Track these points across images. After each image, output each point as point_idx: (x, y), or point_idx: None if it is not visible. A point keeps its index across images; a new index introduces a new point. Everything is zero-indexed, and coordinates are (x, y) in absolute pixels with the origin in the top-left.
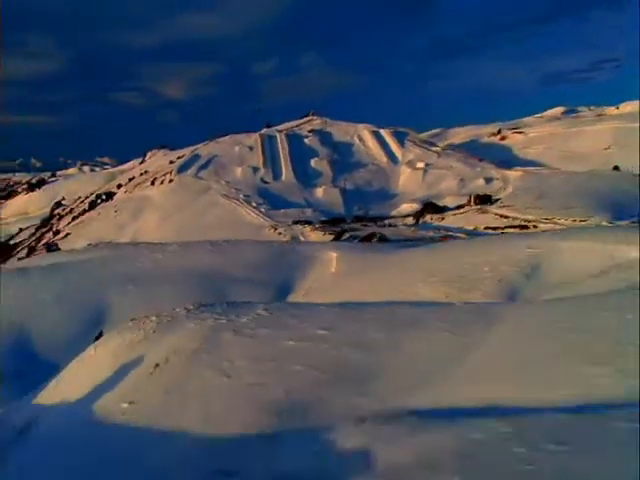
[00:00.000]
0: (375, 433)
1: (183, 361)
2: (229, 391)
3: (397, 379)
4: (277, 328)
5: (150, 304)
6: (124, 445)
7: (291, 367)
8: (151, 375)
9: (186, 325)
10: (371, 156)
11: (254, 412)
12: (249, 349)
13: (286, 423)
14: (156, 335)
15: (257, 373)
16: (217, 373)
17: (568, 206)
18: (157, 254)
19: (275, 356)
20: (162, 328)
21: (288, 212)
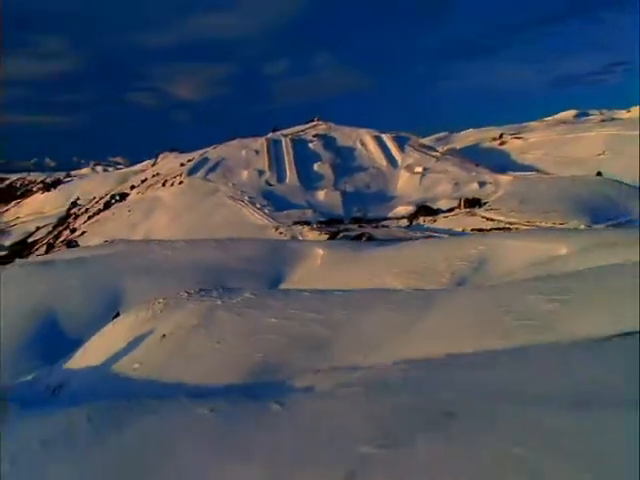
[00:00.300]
0: (321, 378)
1: (184, 333)
2: (219, 355)
3: (349, 347)
4: (261, 309)
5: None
6: (133, 393)
7: (268, 338)
8: (159, 344)
9: (188, 306)
10: (372, 160)
11: (238, 371)
12: (237, 324)
13: (261, 378)
14: (163, 314)
15: (242, 343)
16: (211, 342)
17: (549, 210)
18: (167, 250)
19: (257, 330)
20: (168, 308)
21: (290, 213)
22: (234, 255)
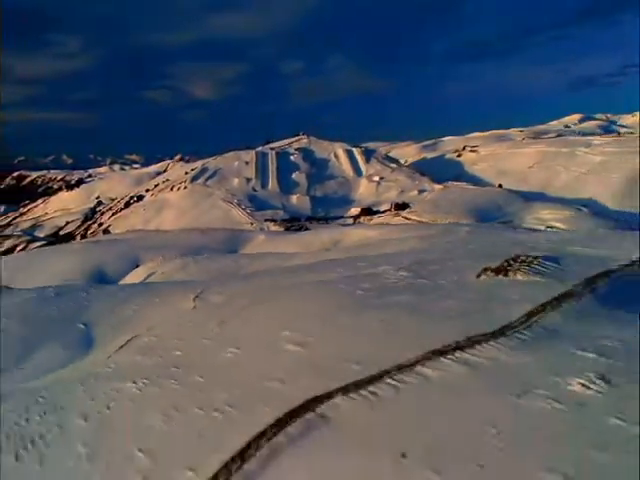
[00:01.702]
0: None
1: (172, 272)
2: (189, 278)
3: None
4: (213, 261)
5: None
6: (156, 289)
7: (212, 270)
8: (159, 276)
9: (175, 262)
10: (341, 170)
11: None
12: (199, 268)
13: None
14: (161, 265)
15: (201, 272)
16: (185, 275)
17: (449, 212)
18: (169, 235)
19: (209, 269)
20: (164, 262)
21: (266, 213)
22: (210, 238)
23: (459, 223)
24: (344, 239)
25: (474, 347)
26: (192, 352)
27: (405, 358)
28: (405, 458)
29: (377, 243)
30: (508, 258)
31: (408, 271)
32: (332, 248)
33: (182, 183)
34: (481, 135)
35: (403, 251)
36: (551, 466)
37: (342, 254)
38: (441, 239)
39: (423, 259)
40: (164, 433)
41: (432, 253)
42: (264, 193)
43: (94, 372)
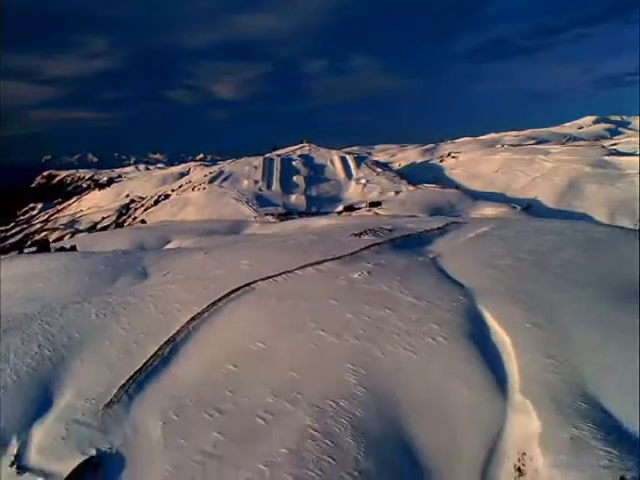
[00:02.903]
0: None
1: (191, 245)
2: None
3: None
4: (218, 239)
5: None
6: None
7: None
8: (182, 244)
9: (192, 240)
10: (335, 174)
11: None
12: (211, 243)
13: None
14: (184, 242)
15: (213, 243)
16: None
17: (410, 209)
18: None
19: (220, 242)
20: (187, 239)
21: (268, 209)
22: (220, 225)
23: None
24: (310, 225)
25: (322, 264)
26: (195, 271)
27: (294, 266)
28: (291, 302)
29: (325, 226)
30: (368, 229)
31: (315, 235)
32: (297, 230)
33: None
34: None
35: (328, 228)
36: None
37: (297, 232)
38: (355, 220)
39: (331, 230)
40: (182, 303)
41: (341, 227)
42: (268, 193)
43: (148, 284)
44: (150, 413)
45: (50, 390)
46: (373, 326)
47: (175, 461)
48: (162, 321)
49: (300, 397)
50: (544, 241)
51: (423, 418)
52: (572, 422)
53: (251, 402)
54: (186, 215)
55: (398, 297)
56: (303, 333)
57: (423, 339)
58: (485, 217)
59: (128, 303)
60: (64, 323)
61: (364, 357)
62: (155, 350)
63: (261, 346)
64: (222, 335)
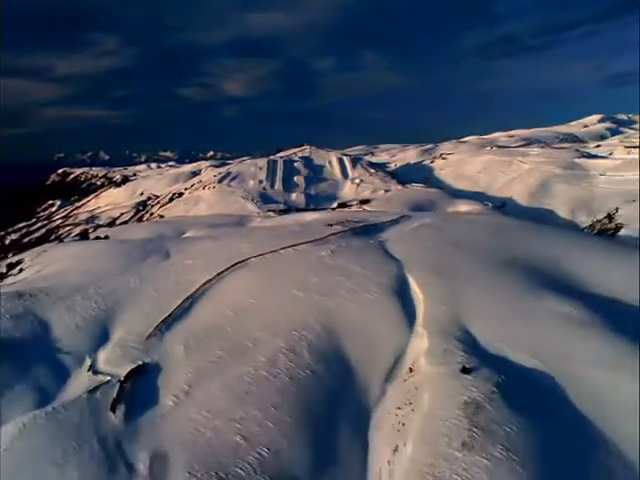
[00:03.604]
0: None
1: (197, 234)
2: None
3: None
4: (226, 228)
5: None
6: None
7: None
8: (196, 234)
9: (202, 231)
10: (333, 174)
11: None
12: (219, 232)
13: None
14: (196, 232)
15: (219, 235)
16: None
17: (394, 206)
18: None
19: (226, 233)
20: (199, 230)
21: (271, 206)
22: (228, 219)
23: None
24: (300, 219)
25: (299, 245)
26: (206, 253)
27: (278, 247)
28: (274, 272)
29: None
30: (339, 221)
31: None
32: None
33: (212, 184)
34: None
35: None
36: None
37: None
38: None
39: (313, 222)
40: (197, 274)
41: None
42: (272, 191)
43: (171, 262)
44: (175, 341)
45: (107, 329)
46: (331, 287)
47: (192, 368)
48: (182, 286)
49: (277, 330)
50: (464, 229)
51: (357, 342)
52: (447, 342)
53: (243, 334)
54: (198, 211)
55: (351, 268)
56: (281, 292)
57: (363, 295)
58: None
59: (157, 274)
60: (111, 288)
61: (322, 306)
62: (178, 304)
63: (252, 301)
64: (225, 294)
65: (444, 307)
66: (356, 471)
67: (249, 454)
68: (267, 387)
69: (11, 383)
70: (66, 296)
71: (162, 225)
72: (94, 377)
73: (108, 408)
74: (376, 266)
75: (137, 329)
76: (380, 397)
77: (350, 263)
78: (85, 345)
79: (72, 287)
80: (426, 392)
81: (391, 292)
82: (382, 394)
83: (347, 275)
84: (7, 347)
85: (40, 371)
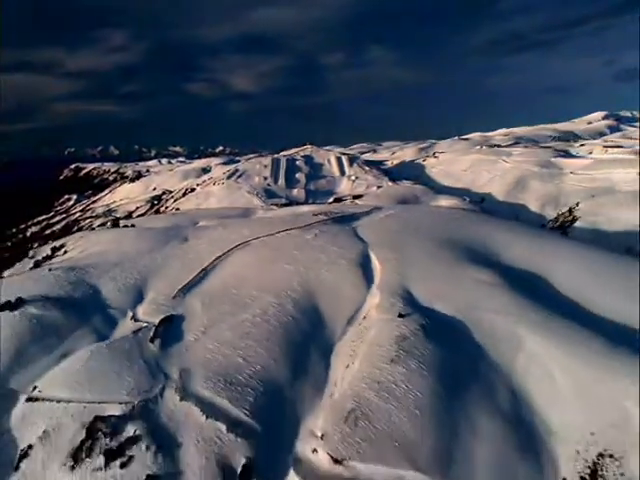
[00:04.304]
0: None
1: (208, 225)
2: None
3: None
4: (234, 218)
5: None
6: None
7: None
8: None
9: (214, 221)
10: (331, 172)
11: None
12: (227, 222)
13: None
14: (208, 221)
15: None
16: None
17: (383, 201)
18: (212, 210)
19: (233, 224)
20: (210, 220)
21: (274, 200)
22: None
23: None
24: (296, 210)
25: (290, 230)
26: (216, 237)
27: (274, 232)
28: (269, 251)
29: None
30: (323, 212)
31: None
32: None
33: (221, 180)
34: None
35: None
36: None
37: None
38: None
39: (305, 213)
40: (209, 252)
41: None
42: (275, 187)
43: (189, 245)
44: (195, 299)
45: (142, 292)
46: (312, 261)
47: (207, 316)
48: (197, 261)
49: (269, 291)
50: (420, 218)
51: (328, 299)
52: (393, 298)
53: (244, 294)
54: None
55: (328, 247)
56: (274, 265)
57: (336, 266)
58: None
59: (177, 253)
60: (143, 263)
61: (304, 274)
62: (195, 274)
63: (251, 271)
64: (230, 267)
65: (394, 275)
66: (320, 381)
67: (247, 369)
68: (261, 328)
69: (78, 327)
70: (108, 269)
71: (179, 216)
72: (136, 324)
73: (148, 341)
74: (347, 246)
75: (164, 292)
76: (341, 335)
77: (328, 243)
78: (127, 303)
79: (112, 263)
80: (372, 331)
81: (357, 264)
82: (343, 333)
83: (325, 252)
84: (70, 304)
85: (97, 320)
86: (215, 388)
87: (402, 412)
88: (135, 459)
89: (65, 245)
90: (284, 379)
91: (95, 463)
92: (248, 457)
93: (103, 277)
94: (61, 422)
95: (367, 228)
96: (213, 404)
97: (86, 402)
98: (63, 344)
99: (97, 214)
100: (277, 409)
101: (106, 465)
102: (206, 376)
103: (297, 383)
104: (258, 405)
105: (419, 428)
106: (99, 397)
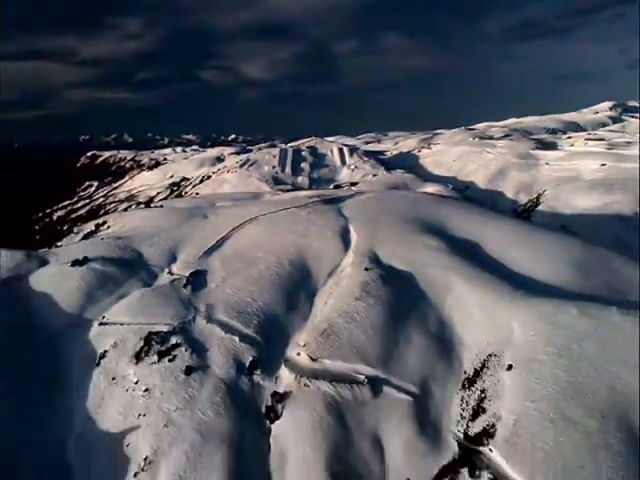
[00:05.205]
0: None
1: (228, 204)
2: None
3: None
4: (245, 199)
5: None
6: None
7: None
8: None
9: (229, 203)
10: (333, 161)
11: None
12: (239, 203)
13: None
14: (223, 203)
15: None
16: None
17: (376, 187)
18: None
19: (245, 205)
20: (225, 202)
21: (280, 186)
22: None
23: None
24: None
25: (289, 209)
26: (230, 214)
27: (278, 208)
28: (273, 224)
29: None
30: (317, 195)
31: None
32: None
33: (234, 169)
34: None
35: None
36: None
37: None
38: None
39: (302, 196)
40: (225, 226)
41: (308, 195)
42: (282, 175)
43: (208, 221)
44: (215, 260)
45: (175, 255)
46: (305, 231)
47: (225, 271)
48: (216, 232)
49: (271, 253)
50: (394, 200)
51: (315, 259)
52: (363, 258)
53: (252, 256)
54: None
55: (318, 221)
56: (276, 234)
57: (323, 236)
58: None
59: (201, 226)
60: (173, 234)
61: (299, 241)
62: (214, 242)
63: (257, 239)
64: (242, 236)
65: (365, 242)
66: (305, 312)
67: (253, 305)
68: (265, 279)
69: (129, 278)
70: (147, 239)
71: (199, 199)
72: (172, 276)
73: (182, 287)
74: (332, 220)
75: (192, 254)
76: (323, 284)
77: (318, 219)
78: (163, 262)
79: (149, 234)
80: (344, 280)
81: (338, 234)
82: (324, 283)
83: (315, 225)
84: (122, 262)
85: (143, 274)
86: (231, 316)
87: (359, 330)
88: (177, 357)
89: (107, 222)
90: (280, 311)
91: (152, 359)
92: (254, 357)
93: (144, 244)
94: (125, 336)
95: (349, 208)
96: (229, 325)
97: (142, 324)
98: (120, 289)
99: (120, 199)
100: (274, 329)
101: (159, 360)
102: (224, 309)
103: (289, 314)
104: (261, 326)
105: (370, 340)
106: (150, 321)
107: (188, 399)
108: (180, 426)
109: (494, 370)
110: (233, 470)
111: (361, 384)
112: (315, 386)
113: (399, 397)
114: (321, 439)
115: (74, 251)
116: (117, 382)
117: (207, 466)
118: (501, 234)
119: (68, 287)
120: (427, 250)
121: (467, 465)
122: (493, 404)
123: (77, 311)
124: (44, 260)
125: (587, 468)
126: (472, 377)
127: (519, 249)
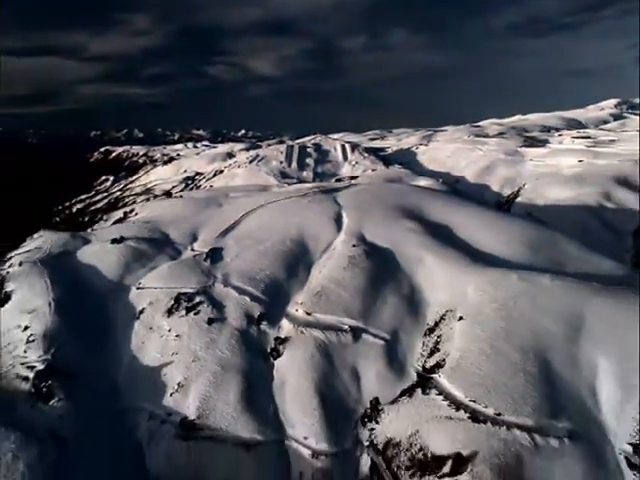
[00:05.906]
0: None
1: (239, 195)
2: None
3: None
4: (253, 192)
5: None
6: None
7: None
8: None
9: (240, 194)
10: (336, 157)
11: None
12: (249, 194)
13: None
14: (235, 193)
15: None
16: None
17: (370, 181)
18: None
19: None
20: (235, 193)
21: (287, 180)
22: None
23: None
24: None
25: (291, 198)
26: (242, 202)
27: (281, 198)
28: (278, 209)
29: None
30: (317, 186)
31: (297, 190)
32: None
33: (244, 164)
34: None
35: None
36: None
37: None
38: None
39: (305, 188)
40: (237, 211)
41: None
42: (289, 170)
43: (223, 209)
44: (229, 239)
45: (196, 236)
46: (305, 216)
47: (238, 247)
48: (230, 217)
49: (276, 233)
50: (382, 191)
51: (312, 237)
52: (352, 237)
53: (261, 235)
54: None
55: (316, 208)
56: (280, 218)
57: (320, 220)
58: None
59: (217, 213)
60: (193, 220)
61: (299, 224)
62: (228, 225)
63: (265, 223)
64: (252, 220)
65: (355, 225)
66: (303, 280)
67: (261, 274)
68: (270, 253)
69: (158, 253)
70: (171, 223)
71: (214, 191)
72: (194, 252)
73: (202, 260)
74: (329, 207)
75: (210, 235)
76: (318, 258)
77: (316, 205)
78: (187, 242)
79: (172, 219)
80: (336, 254)
81: (333, 219)
82: (319, 257)
83: (314, 211)
84: (152, 241)
85: (169, 250)
86: (243, 281)
87: (346, 293)
88: (201, 311)
89: (134, 210)
90: (282, 278)
91: (181, 313)
92: (261, 312)
93: (169, 227)
94: (159, 297)
95: (343, 197)
96: (242, 288)
97: (171, 287)
98: (151, 262)
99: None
100: (277, 291)
101: (187, 314)
102: (238, 276)
103: (290, 280)
104: (267, 289)
105: (354, 299)
106: (178, 285)
107: (210, 342)
108: (204, 361)
109: (449, 321)
110: (245, 393)
111: (345, 332)
112: (309, 333)
113: (374, 342)
114: (312, 371)
115: (110, 232)
116: (154, 330)
117: (226, 389)
118: (471, 220)
119: (109, 260)
120: (405, 231)
121: (421, 387)
122: (445, 345)
123: (118, 279)
124: (86, 239)
125: (509, 385)
126: (432, 327)
127: (484, 232)
